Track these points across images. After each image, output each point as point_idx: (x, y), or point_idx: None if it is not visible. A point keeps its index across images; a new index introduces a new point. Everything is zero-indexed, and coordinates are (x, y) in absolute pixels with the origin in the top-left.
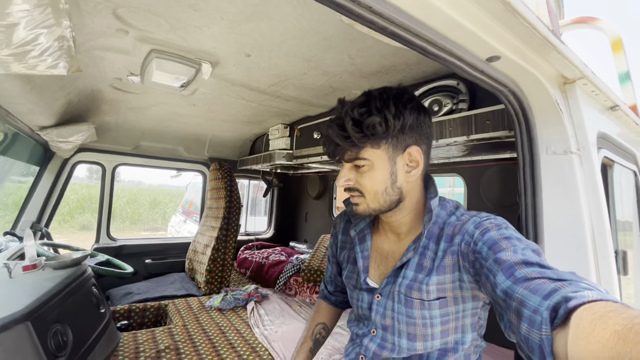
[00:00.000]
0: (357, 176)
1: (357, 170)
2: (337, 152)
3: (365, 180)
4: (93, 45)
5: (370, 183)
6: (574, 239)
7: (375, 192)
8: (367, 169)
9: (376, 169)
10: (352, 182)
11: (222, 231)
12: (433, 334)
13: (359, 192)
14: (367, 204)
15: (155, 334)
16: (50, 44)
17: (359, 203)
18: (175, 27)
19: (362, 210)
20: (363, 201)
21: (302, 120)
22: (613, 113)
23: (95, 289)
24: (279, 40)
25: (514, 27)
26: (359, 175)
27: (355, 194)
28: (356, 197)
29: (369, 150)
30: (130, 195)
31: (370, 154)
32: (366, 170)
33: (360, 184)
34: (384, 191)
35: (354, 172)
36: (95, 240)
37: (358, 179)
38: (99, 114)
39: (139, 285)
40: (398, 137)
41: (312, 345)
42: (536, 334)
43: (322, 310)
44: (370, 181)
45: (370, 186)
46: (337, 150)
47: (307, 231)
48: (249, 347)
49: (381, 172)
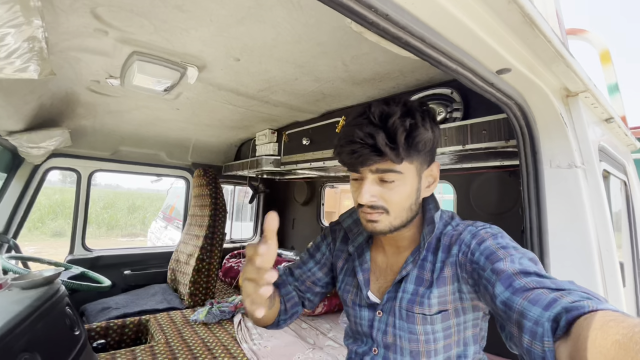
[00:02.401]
0: (382, 191)
1: (381, 184)
2: (370, 161)
3: (393, 195)
4: (68, 46)
5: (398, 199)
6: (580, 255)
7: (402, 208)
8: (398, 184)
9: (407, 184)
10: (376, 198)
11: (207, 240)
12: (436, 350)
13: (383, 209)
14: (389, 222)
15: (136, 353)
16: (18, 45)
17: (380, 221)
18: (160, 29)
19: (382, 229)
20: (385, 219)
21: (291, 126)
22: (608, 125)
23: (68, 309)
24: (271, 45)
25: (528, 39)
26: (384, 190)
27: (378, 211)
28: (377, 214)
29: (404, 164)
30: (107, 199)
31: (404, 167)
32: (396, 186)
33: (387, 199)
34: (409, 208)
35: (378, 187)
36: (69, 251)
37: (384, 194)
38: (73, 118)
39: (117, 299)
40: (428, 153)
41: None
42: (538, 346)
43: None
44: (399, 197)
45: (398, 202)
46: (370, 159)
47: (294, 238)
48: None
49: (410, 187)
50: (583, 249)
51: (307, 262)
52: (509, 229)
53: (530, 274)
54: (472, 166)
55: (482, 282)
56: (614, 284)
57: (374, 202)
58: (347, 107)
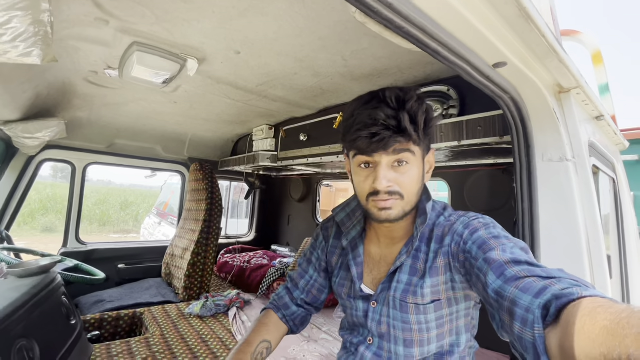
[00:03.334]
0: (396, 177)
1: (395, 170)
2: (391, 142)
3: (407, 179)
4: (68, 35)
5: (410, 183)
6: (569, 246)
7: (413, 192)
8: (409, 168)
9: (416, 167)
10: (393, 183)
11: (202, 234)
12: (429, 339)
13: (399, 195)
14: (402, 207)
15: (131, 344)
16: (25, 29)
17: (394, 207)
18: (162, 19)
19: (396, 215)
20: (399, 204)
21: (288, 122)
22: (598, 123)
23: (65, 299)
24: (272, 39)
25: (523, 34)
26: (398, 175)
27: (395, 197)
28: (393, 201)
29: (415, 147)
30: (99, 195)
31: (416, 149)
32: (409, 169)
33: (401, 184)
34: (417, 192)
35: (393, 172)
36: (63, 244)
37: (398, 180)
38: (69, 109)
39: (111, 292)
40: (427, 138)
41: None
42: (529, 333)
43: (271, 326)
44: (411, 180)
45: (411, 186)
46: (392, 140)
47: (289, 234)
48: None
49: (418, 170)
50: (572, 240)
51: (307, 270)
52: (501, 224)
53: (521, 262)
54: (466, 164)
55: (475, 272)
56: (602, 274)
57: (390, 187)
58: (344, 103)
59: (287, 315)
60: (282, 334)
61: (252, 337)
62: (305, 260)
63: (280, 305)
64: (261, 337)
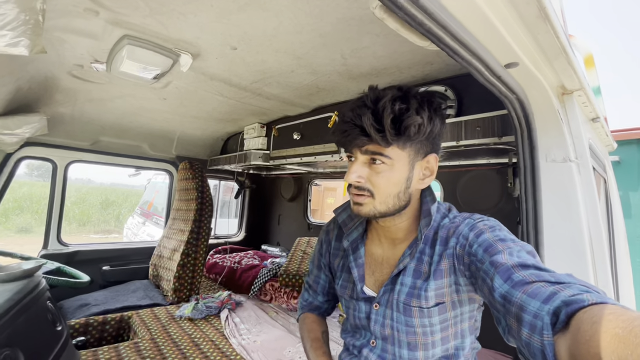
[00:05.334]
0: (371, 174)
1: (370, 167)
2: (358, 141)
3: (380, 179)
4: (53, 25)
5: (385, 184)
6: (573, 247)
7: (388, 194)
8: (386, 169)
9: (395, 170)
10: (364, 179)
11: (192, 235)
12: (434, 342)
13: (369, 192)
14: (374, 206)
15: (120, 350)
16: (14, 17)
17: (365, 203)
18: (156, 12)
19: (366, 212)
20: (370, 202)
21: (281, 120)
22: (593, 125)
23: (50, 304)
24: (271, 35)
25: (539, 34)
26: (373, 173)
27: (364, 193)
28: (363, 197)
29: (395, 150)
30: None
31: (394, 153)
32: (384, 170)
33: (373, 183)
34: (396, 195)
35: (367, 169)
36: (43, 245)
37: (371, 177)
38: (51, 104)
39: (96, 295)
40: (423, 143)
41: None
42: (537, 339)
43: (318, 320)
44: (386, 181)
45: (385, 187)
46: (358, 139)
47: (280, 234)
48: (227, 359)
49: (399, 174)
50: (576, 240)
51: (320, 276)
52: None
53: (528, 266)
54: (459, 164)
55: (480, 275)
56: (604, 274)
57: (360, 183)
58: (340, 102)
59: (322, 313)
60: (326, 323)
61: (312, 334)
62: (315, 266)
63: (312, 308)
64: (321, 329)
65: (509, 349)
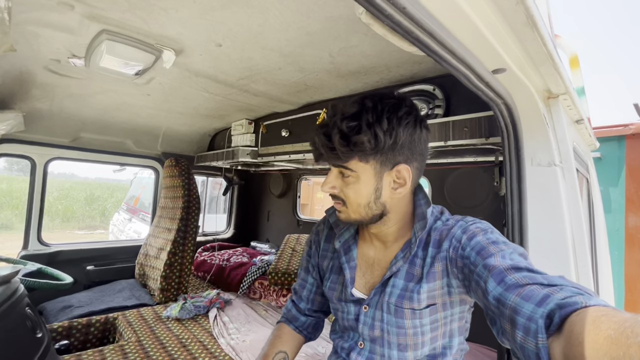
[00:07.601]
0: (343, 185)
1: (343, 178)
2: (324, 157)
3: (349, 191)
4: (25, 19)
5: (354, 195)
6: (556, 249)
7: (358, 204)
8: (353, 181)
9: (361, 182)
10: (337, 189)
11: (179, 233)
12: (423, 342)
13: (342, 201)
14: (348, 214)
15: (105, 353)
16: None
17: (342, 211)
18: (136, 7)
19: (344, 219)
20: (345, 210)
21: (269, 117)
22: (577, 126)
23: (29, 310)
24: (257, 32)
25: (526, 41)
26: (344, 184)
27: (339, 202)
28: (339, 205)
29: (357, 163)
30: (61, 189)
31: (357, 166)
32: (351, 182)
33: (345, 193)
34: (367, 205)
35: (340, 179)
36: (23, 246)
37: (343, 187)
38: (27, 100)
39: (80, 296)
40: (387, 154)
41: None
42: (532, 342)
43: (285, 337)
44: (354, 193)
45: (354, 198)
46: (323, 156)
47: (269, 230)
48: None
49: (366, 186)
50: (559, 242)
51: (307, 280)
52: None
53: (521, 269)
54: (447, 161)
55: (474, 278)
56: (585, 274)
57: (333, 192)
58: (328, 99)
59: (299, 326)
60: (298, 342)
61: (268, 350)
62: (303, 269)
63: (290, 318)
64: (276, 349)
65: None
